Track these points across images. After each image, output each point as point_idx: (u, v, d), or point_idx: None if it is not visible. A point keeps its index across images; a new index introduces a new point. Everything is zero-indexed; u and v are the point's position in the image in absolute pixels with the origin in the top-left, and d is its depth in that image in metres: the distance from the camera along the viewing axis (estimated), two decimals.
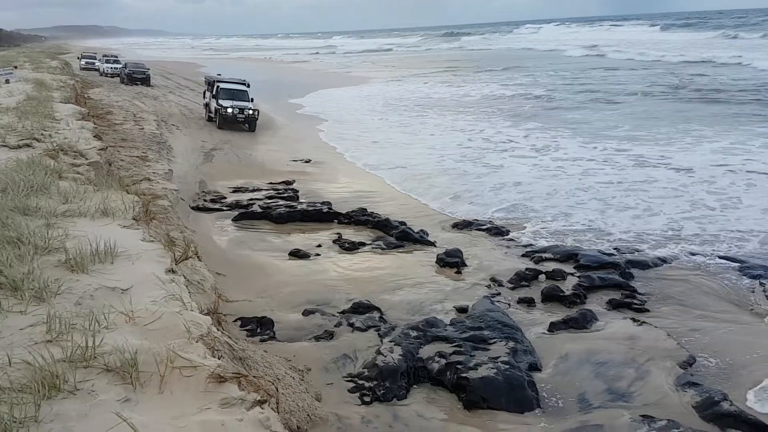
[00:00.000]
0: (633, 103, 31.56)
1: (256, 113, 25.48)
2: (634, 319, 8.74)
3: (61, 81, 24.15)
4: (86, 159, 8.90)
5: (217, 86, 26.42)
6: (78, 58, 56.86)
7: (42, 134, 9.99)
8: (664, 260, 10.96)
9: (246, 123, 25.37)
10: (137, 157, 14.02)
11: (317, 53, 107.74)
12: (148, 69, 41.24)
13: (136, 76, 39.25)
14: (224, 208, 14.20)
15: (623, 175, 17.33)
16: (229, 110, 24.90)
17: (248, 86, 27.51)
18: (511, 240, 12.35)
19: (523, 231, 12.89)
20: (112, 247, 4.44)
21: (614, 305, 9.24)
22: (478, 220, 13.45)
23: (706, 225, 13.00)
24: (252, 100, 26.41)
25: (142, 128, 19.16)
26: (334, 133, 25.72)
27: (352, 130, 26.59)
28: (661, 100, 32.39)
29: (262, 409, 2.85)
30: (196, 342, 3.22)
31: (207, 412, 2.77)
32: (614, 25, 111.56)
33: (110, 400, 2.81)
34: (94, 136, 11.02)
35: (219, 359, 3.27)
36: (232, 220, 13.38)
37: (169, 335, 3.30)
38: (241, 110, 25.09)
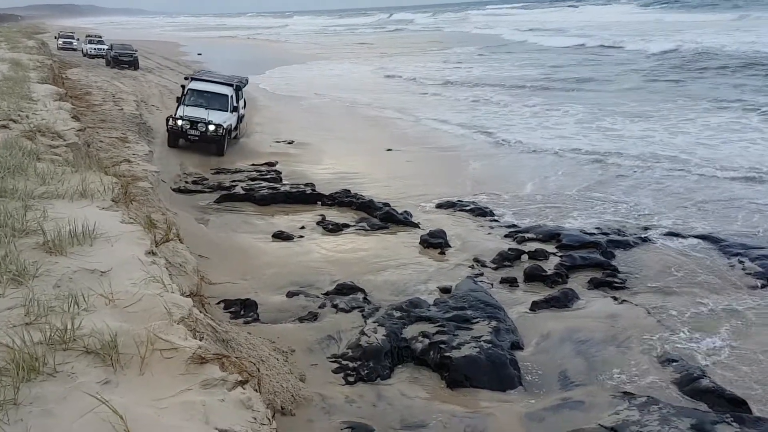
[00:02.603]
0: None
1: (220, 130, 17.07)
2: (614, 298, 8.86)
3: (38, 61, 23.61)
4: (64, 140, 8.74)
5: (187, 85, 19.09)
6: (55, 37, 55.47)
7: (19, 115, 9.79)
8: (645, 239, 11.08)
9: (209, 143, 17.35)
10: (117, 138, 13.81)
11: (275, 30, 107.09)
12: (136, 51, 38.18)
13: (123, 59, 36.29)
14: (206, 190, 14.09)
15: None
16: (179, 122, 17.11)
17: (238, 88, 19.62)
18: (494, 220, 12.41)
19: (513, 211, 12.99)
20: (91, 229, 4.38)
21: (595, 284, 9.35)
22: (461, 201, 13.48)
23: (688, 204, 13.17)
24: (236, 109, 18.97)
25: (122, 109, 18.83)
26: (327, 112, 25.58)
27: (354, 108, 26.47)
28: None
29: (244, 389, 2.85)
30: (177, 324, 3.20)
31: (188, 393, 2.77)
32: (571, 6, 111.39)
33: (90, 382, 2.79)
34: (72, 117, 10.82)
35: (200, 341, 3.26)
36: (214, 201, 13.29)
37: (150, 317, 3.28)
38: (194, 124, 16.99)
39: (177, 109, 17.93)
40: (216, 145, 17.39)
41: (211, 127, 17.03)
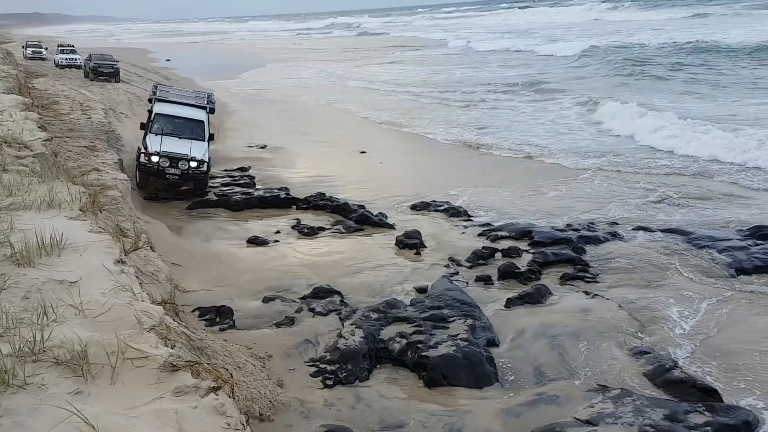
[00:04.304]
0: None
1: (203, 166, 13.96)
2: (586, 292, 8.98)
3: (3, 71, 23.15)
4: (31, 150, 8.60)
5: (153, 109, 15.10)
6: (22, 47, 54.38)
7: None
8: (614, 235, 11.25)
9: (187, 182, 13.99)
10: (85, 147, 13.60)
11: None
12: (117, 61, 34.37)
13: (104, 71, 32.78)
14: (179, 197, 13.94)
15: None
16: (154, 158, 13.61)
17: (210, 110, 15.64)
18: (468, 220, 12.50)
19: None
20: (59, 239, 4.34)
21: (567, 279, 9.48)
22: (435, 201, 13.54)
23: (659, 198, 13.41)
24: (212, 137, 15.46)
25: (90, 117, 18.49)
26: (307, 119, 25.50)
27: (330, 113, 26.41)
28: None
29: (217, 395, 2.85)
30: (148, 332, 3.19)
31: (160, 401, 2.76)
32: (524, 7, 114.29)
33: (61, 393, 2.77)
34: (39, 127, 10.64)
35: (172, 348, 3.25)
36: (187, 208, 13.17)
37: (120, 326, 3.26)
38: (175, 161, 13.66)
39: (145, 139, 14.19)
40: (198, 183, 14.12)
41: (193, 165, 13.83)
